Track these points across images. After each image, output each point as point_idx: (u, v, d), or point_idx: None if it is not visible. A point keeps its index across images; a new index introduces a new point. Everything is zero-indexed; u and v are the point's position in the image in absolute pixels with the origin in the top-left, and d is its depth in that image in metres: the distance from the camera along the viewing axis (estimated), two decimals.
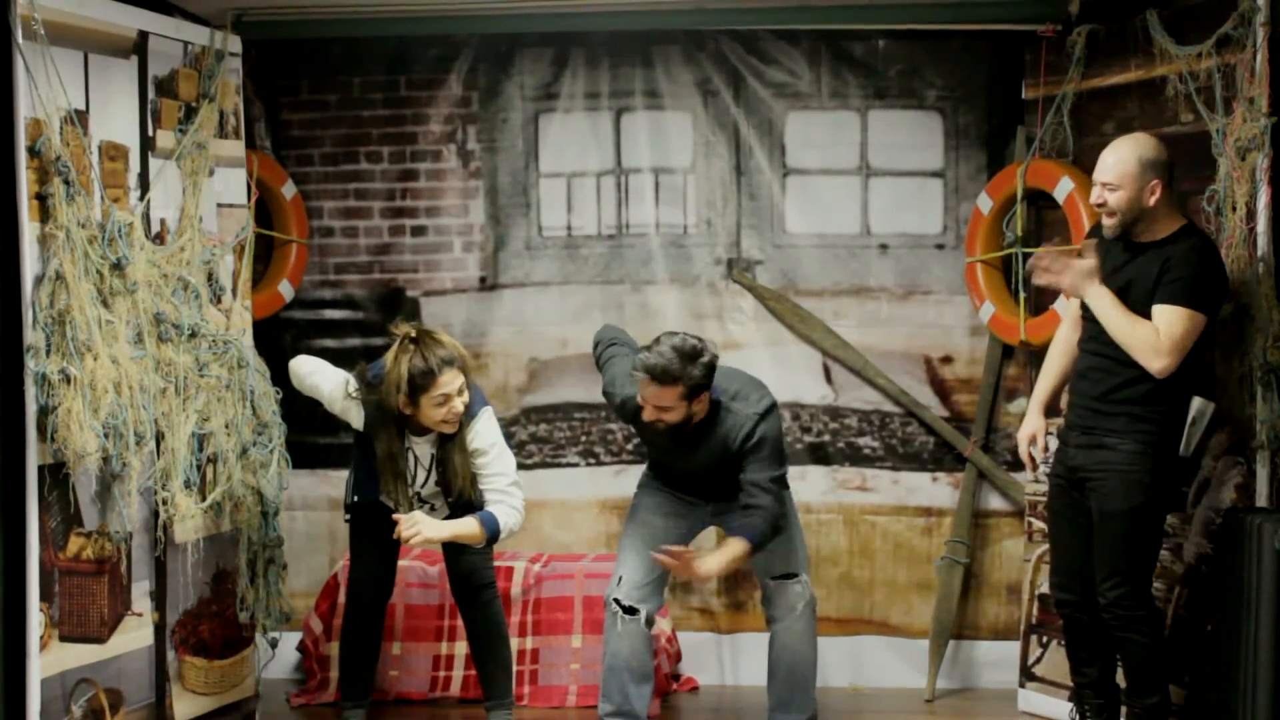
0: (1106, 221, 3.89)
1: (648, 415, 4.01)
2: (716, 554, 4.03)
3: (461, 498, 4.24)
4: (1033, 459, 4.23)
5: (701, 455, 4.14)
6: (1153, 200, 3.82)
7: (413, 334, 4.13)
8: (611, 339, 4.37)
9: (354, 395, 4.23)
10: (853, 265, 5.19)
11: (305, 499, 5.29)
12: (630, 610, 4.21)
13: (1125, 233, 3.88)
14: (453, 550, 4.41)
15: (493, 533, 4.11)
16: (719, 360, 4.05)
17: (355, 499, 4.38)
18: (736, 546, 3.99)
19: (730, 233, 5.22)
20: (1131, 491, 3.83)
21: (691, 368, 3.91)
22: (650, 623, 4.26)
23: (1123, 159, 3.83)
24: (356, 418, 4.25)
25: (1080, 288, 3.88)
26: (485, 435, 4.22)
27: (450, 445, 4.21)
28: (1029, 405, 4.29)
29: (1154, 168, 3.81)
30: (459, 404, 4.14)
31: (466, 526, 4.10)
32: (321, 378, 4.31)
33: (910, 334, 5.17)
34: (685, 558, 3.97)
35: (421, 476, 4.29)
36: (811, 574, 5.10)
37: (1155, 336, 3.76)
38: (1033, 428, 4.22)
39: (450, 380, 4.11)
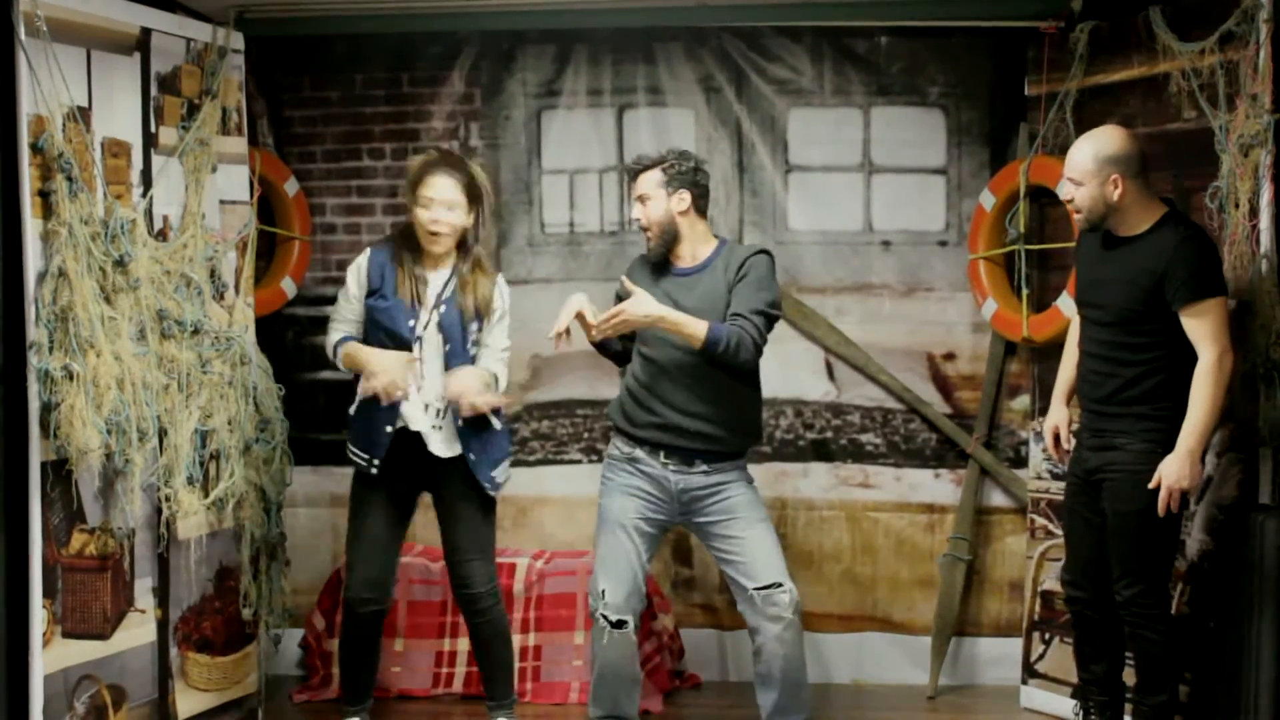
0: (1074, 216, 3.94)
1: (635, 213, 4.20)
2: (669, 308, 4.04)
3: (477, 313, 4.22)
4: (1060, 448, 4.23)
5: (698, 293, 4.13)
6: (1116, 195, 3.82)
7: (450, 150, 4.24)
8: None
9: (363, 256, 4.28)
10: (855, 262, 5.19)
11: (308, 495, 5.28)
12: (618, 624, 4.21)
13: (1106, 228, 3.90)
14: (452, 554, 4.36)
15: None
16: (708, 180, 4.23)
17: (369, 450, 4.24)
18: (694, 322, 3.99)
19: (732, 229, 5.21)
20: (1144, 491, 3.81)
21: (677, 157, 4.16)
22: (636, 629, 4.24)
23: (1081, 156, 3.86)
24: (363, 266, 4.22)
25: (1189, 471, 3.74)
26: (506, 297, 4.32)
27: (466, 267, 4.24)
28: (1052, 398, 4.30)
29: (1112, 162, 3.81)
30: (443, 214, 4.12)
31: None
32: (340, 295, 4.32)
33: (913, 331, 5.17)
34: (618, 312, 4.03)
35: (433, 319, 4.19)
36: (815, 570, 5.13)
37: (1206, 361, 3.73)
38: (1056, 420, 4.24)
39: (444, 187, 4.12)
